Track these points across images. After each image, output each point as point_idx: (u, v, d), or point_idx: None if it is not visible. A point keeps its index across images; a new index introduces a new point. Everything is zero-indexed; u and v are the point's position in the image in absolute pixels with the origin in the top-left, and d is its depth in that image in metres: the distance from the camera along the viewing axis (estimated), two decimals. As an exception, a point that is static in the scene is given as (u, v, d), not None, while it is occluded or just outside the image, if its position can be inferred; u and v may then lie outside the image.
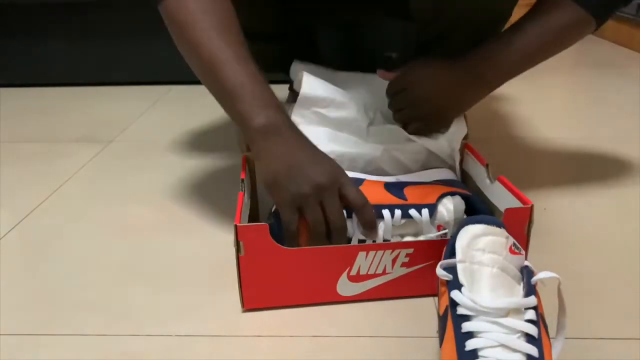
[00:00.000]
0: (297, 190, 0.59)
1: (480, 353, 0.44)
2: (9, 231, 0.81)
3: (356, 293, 0.62)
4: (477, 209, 0.68)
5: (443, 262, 0.50)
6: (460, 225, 0.52)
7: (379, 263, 0.61)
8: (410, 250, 0.60)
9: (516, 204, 0.63)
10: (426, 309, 0.61)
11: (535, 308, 0.46)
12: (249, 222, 0.66)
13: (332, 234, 0.60)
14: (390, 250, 0.60)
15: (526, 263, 0.49)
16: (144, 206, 0.88)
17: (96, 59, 1.56)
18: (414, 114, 0.76)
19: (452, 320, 0.47)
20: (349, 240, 0.63)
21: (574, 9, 0.71)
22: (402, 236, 0.65)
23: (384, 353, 0.55)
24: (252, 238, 0.58)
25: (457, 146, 0.78)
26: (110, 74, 1.58)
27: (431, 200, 0.65)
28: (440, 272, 0.49)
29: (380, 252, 0.60)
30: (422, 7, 0.74)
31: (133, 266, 0.72)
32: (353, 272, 0.61)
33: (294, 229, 0.60)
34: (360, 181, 0.68)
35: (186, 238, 0.78)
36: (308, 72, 0.78)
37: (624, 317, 0.60)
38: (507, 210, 0.61)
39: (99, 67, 1.57)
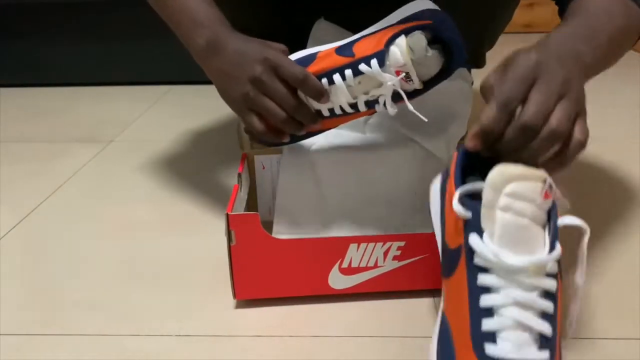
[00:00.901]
0: (238, 94, 0.62)
1: (496, 311, 0.42)
2: (9, 231, 0.81)
3: (348, 286, 0.62)
4: (445, 38, 0.59)
5: (460, 191, 0.44)
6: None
7: (370, 256, 0.61)
8: (402, 243, 0.60)
9: None
10: (426, 308, 0.62)
11: (558, 260, 0.43)
12: None
13: (293, 115, 0.62)
14: (382, 243, 0.60)
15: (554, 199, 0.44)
16: (144, 206, 0.88)
17: (96, 59, 1.56)
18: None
19: (467, 268, 0.43)
20: (319, 112, 0.63)
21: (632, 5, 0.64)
22: (368, 94, 0.61)
23: (384, 353, 0.55)
24: (243, 227, 0.59)
25: (455, 147, 0.78)
26: (110, 74, 1.58)
27: (379, 47, 0.59)
28: (457, 207, 0.44)
29: (371, 245, 0.60)
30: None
31: (133, 266, 0.72)
32: (345, 265, 0.61)
33: (259, 127, 0.62)
34: (313, 56, 0.65)
35: (186, 238, 0.78)
36: (327, 35, 0.75)
37: (624, 317, 0.60)
38: None
39: (98, 67, 1.57)
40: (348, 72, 0.61)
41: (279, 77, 0.61)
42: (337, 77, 0.61)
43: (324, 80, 0.61)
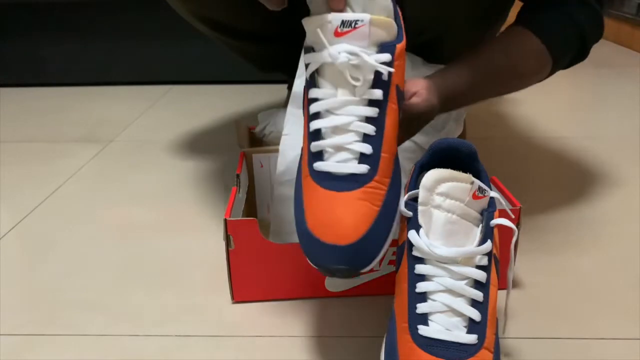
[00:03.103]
0: None
1: (429, 296, 0.47)
2: (9, 231, 0.81)
3: (344, 289, 0.63)
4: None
5: (407, 196, 0.51)
6: (430, 157, 0.53)
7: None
8: (396, 249, 0.60)
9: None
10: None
11: (488, 253, 0.48)
12: (246, 216, 0.66)
13: None
14: None
15: (493, 197, 0.50)
16: (143, 206, 0.88)
17: (96, 59, 1.56)
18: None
19: (407, 260, 0.49)
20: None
21: (534, 40, 0.70)
22: None
23: (384, 353, 0.56)
24: (241, 232, 0.60)
25: None
26: (110, 74, 1.58)
27: None
28: (402, 208, 0.50)
29: None
30: (414, 11, 0.74)
31: (133, 266, 0.72)
32: None
33: None
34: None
35: (186, 237, 0.78)
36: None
37: (624, 317, 0.60)
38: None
39: (98, 67, 1.57)
40: None
41: None
42: None
43: None
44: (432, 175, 0.48)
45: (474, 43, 0.76)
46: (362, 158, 0.49)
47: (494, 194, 0.50)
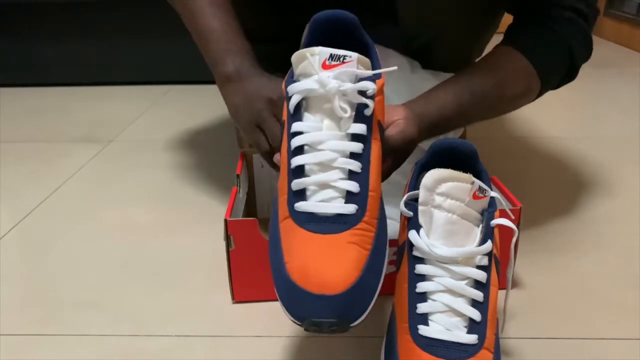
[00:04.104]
0: (252, 109, 0.61)
1: (429, 296, 0.47)
2: (9, 231, 0.81)
3: None
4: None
5: (407, 196, 0.50)
6: (430, 157, 0.53)
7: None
8: (396, 249, 0.60)
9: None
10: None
11: (488, 254, 0.48)
12: (246, 216, 0.67)
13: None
14: None
15: (494, 197, 0.50)
16: (143, 206, 0.88)
17: (96, 59, 1.56)
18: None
19: (408, 260, 0.49)
20: None
21: (523, 61, 0.69)
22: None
23: (384, 353, 0.56)
24: (242, 232, 0.60)
25: None
26: (110, 74, 1.58)
27: None
28: (402, 208, 0.50)
29: None
30: (407, 16, 0.74)
31: (133, 266, 0.72)
32: None
33: (265, 146, 0.60)
34: None
35: (186, 238, 0.78)
36: None
37: (624, 317, 0.60)
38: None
39: (98, 67, 1.57)
40: None
41: None
42: None
43: None
44: (432, 175, 0.48)
45: (467, 48, 0.76)
46: (349, 197, 0.46)
47: (494, 194, 0.50)
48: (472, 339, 0.45)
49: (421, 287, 0.47)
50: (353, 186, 0.46)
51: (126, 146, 1.13)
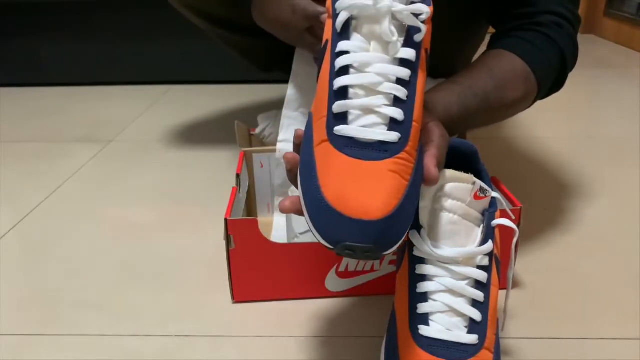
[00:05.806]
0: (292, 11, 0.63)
1: (429, 296, 0.47)
2: (8, 231, 0.81)
3: (344, 289, 0.63)
4: None
5: None
6: None
7: (366, 260, 0.61)
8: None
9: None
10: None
11: (489, 254, 0.48)
12: (246, 216, 0.67)
13: None
14: None
15: (494, 197, 0.50)
16: (143, 206, 0.88)
17: (96, 59, 1.56)
18: None
19: (408, 260, 0.49)
20: None
21: (519, 62, 0.67)
22: None
23: (384, 353, 0.55)
24: (242, 232, 0.60)
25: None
26: (110, 74, 1.58)
27: None
28: None
29: None
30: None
31: (133, 266, 0.72)
32: (341, 269, 0.62)
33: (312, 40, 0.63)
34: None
35: (186, 238, 0.78)
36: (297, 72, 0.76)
37: (624, 317, 0.60)
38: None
39: (98, 67, 1.57)
40: None
41: None
42: None
43: None
44: None
45: (450, 59, 0.74)
46: (393, 124, 0.43)
47: (495, 194, 0.50)
48: (473, 339, 0.45)
49: (422, 287, 0.47)
50: (398, 113, 0.44)
51: (126, 146, 1.13)
